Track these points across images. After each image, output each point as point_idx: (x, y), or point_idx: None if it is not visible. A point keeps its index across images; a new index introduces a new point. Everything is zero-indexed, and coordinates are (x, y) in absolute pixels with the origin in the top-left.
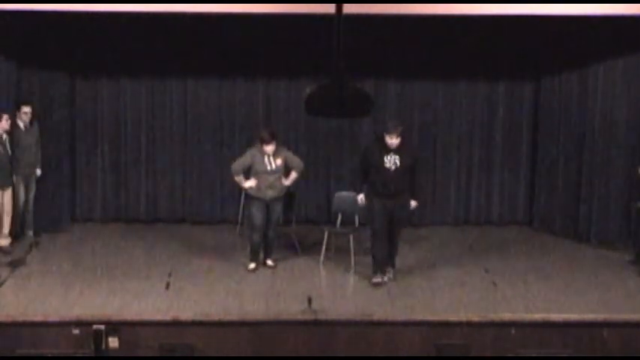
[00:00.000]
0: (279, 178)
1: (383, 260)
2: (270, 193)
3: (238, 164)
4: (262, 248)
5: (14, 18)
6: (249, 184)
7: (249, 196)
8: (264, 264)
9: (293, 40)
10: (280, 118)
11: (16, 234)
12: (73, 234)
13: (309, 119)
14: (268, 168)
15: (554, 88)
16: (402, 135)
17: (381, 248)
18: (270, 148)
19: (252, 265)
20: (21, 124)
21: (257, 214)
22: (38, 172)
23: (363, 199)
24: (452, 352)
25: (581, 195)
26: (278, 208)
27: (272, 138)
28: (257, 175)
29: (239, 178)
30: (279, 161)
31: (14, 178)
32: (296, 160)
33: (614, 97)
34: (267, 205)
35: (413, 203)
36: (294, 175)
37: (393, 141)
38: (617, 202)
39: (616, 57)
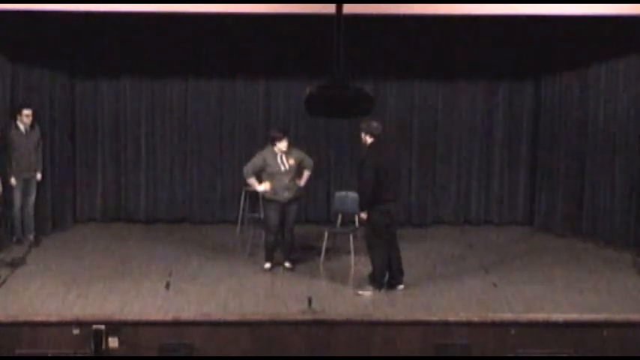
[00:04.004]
0: (294, 179)
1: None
2: (286, 195)
3: (249, 166)
4: (280, 250)
5: (14, 18)
6: (263, 187)
7: (265, 198)
8: (283, 266)
9: (293, 40)
10: (280, 118)
11: (17, 237)
12: (74, 234)
13: (310, 119)
14: (282, 168)
15: (554, 88)
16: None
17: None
18: (283, 145)
19: (267, 265)
20: (21, 127)
21: (273, 216)
22: (38, 176)
23: None
24: (452, 352)
25: (581, 195)
26: (294, 210)
27: (284, 134)
28: (271, 177)
29: (251, 181)
30: (291, 161)
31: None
32: (307, 159)
33: (614, 97)
34: (283, 207)
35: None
36: (306, 174)
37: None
38: (617, 201)
39: (617, 57)
